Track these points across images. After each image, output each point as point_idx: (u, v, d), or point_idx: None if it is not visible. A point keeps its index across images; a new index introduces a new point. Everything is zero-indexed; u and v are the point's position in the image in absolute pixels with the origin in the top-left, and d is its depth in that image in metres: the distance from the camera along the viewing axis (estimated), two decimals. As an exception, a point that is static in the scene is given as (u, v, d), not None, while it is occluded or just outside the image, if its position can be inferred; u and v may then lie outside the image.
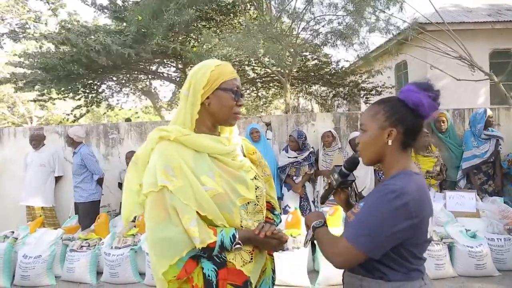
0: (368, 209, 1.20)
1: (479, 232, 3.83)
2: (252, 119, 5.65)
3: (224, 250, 1.26)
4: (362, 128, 1.33)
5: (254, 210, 1.36)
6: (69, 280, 3.96)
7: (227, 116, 1.36)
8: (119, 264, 3.84)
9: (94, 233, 4.28)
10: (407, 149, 1.28)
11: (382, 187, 1.21)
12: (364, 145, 1.30)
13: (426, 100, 1.21)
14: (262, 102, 14.29)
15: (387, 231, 1.14)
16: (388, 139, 1.25)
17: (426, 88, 1.23)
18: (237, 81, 1.37)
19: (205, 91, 1.31)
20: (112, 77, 10.47)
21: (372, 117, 1.28)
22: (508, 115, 5.39)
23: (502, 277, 3.61)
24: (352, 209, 1.32)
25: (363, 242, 1.16)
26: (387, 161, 1.28)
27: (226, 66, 1.37)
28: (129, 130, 5.66)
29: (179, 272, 1.21)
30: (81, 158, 4.69)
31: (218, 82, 1.32)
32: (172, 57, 9.28)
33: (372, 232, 1.16)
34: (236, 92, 1.34)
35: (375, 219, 1.16)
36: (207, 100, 1.33)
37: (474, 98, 8.43)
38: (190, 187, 1.22)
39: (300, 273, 3.65)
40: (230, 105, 1.34)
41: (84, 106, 10.98)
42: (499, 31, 8.67)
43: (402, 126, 1.24)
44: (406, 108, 1.24)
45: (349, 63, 10.58)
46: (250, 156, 1.50)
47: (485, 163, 4.73)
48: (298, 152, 4.90)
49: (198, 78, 1.31)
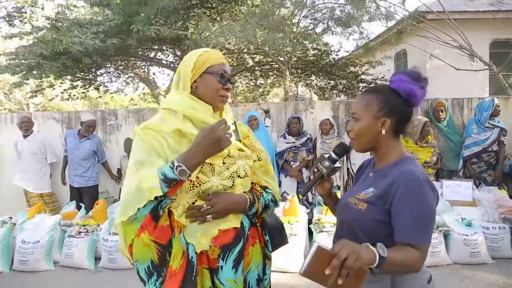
0: (411, 202, 1.16)
1: (474, 220, 3.86)
2: (251, 107, 5.63)
3: (171, 182, 1.22)
4: (354, 117, 1.33)
5: (222, 174, 1.35)
6: (67, 266, 3.98)
7: (213, 98, 1.39)
8: (117, 250, 3.85)
9: (92, 219, 4.29)
10: (398, 135, 1.33)
11: (405, 176, 1.19)
12: (358, 134, 1.32)
13: (418, 90, 1.25)
14: (260, 92, 14.22)
15: (434, 216, 1.18)
16: (382, 128, 1.29)
17: (416, 78, 1.26)
18: (224, 66, 1.41)
19: (193, 74, 1.36)
20: (107, 64, 10.34)
21: (365, 107, 1.30)
22: (506, 105, 5.38)
23: (495, 264, 3.66)
24: (355, 195, 1.32)
25: (428, 237, 1.17)
26: (382, 149, 1.32)
27: (214, 53, 1.42)
28: (127, 116, 5.63)
29: (137, 231, 1.24)
30: (97, 145, 5.00)
31: (205, 66, 1.37)
32: (170, 43, 9.18)
33: (428, 223, 1.16)
34: (222, 75, 1.38)
35: (426, 209, 1.16)
36: (194, 84, 1.38)
37: (473, 88, 8.40)
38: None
39: (297, 260, 3.69)
40: (216, 88, 1.38)
41: (81, 87, 10.88)
42: (500, 21, 8.60)
43: (395, 115, 1.28)
44: (399, 98, 1.28)
45: (348, 53, 10.51)
46: (243, 141, 1.51)
47: (486, 152, 4.69)
48: (296, 137, 4.94)
49: (187, 64, 1.39)
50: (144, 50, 10.10)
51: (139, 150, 1.30)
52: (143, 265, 1.27)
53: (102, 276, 3.81)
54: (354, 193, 1.34)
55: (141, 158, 1.28)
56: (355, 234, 1.28)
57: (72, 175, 4.94)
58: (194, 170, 1.24)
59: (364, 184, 1.36)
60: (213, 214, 1.32)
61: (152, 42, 8.24)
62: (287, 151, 4.94)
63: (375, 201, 1.24)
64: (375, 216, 1.23)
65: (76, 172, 4.90)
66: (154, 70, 12.94)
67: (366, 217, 1.25)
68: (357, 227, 1.27)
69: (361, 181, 1.41)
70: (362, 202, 1.27)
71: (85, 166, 4.90)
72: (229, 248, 1.34)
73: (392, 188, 1.21)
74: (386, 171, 1.30)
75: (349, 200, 1.33)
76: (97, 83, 11.26)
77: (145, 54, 10.50)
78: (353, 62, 10.42)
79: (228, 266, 1.33)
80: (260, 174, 1.52)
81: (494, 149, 4.70)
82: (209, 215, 1.31)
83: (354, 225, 1.28)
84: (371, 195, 1.26)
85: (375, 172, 1.36)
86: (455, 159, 4.95)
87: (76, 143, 4.91)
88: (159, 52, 10.92)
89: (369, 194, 1.27)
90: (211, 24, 7.55)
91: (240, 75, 12.10)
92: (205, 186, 1.32)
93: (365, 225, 1.25)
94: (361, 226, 1.26)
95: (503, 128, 4.69)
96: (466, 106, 5.45)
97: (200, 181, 1.32)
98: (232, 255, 1.34)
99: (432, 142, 4.70)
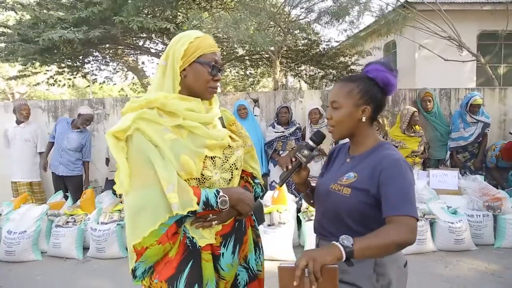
0: (394, 181, 1.22)
1: (460, 208, 3.95)
2: (240, 96, 5.61)
3: (209, 207, 1.25)
4: (334, 105, 1.35)
5: (222, 167, 1.34)
6: (55, 255, 3.96)
7: (202, 90, 1.33)
8: (106, 239, 3.85)
9: (80, 209, 4.26)
10: (373, 123, 1.39)
11: (387, 160, 1.25)
12: (338, 121, 1.34)
13: (393, 79, 1.31)
14: (250, 82, 14.15)
15: (414, 192, 1.25)
16: (362, 116, 1.32)
17: (391, 69, 1.32)
18: (216, 55, 1.34)
19: (183, 62, 1.30)
20: (94, 51, 10.12)
21: (346, 95, 1.33)
22: (492, 95, 5.49)
23: (478, 251, 3.76)
24: (337, 181, 1.34)
25: (415, 209, 1.20)
26: (360, 136, 1.37)
27: (206, 39, 1.33)
28: (114, 105, 5.56)
29: (159, 237, 1.19)
30: (86, 140, 4.92)
31: (196, 54, 1.30)
32: (159, 32, 9.02)
33: (412, 197, 1.22)
34: (213, 66, 1.32)
35: (409, 186, 1.22)
36: (183, 72, 1.31)
37: (461, 79, 8.49)
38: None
39: (286, 248, 3.72)
40: (206, 79, 1.32)
41: (68, 73, 10.61)
42: (488, 12, 8.67)
43: (374, 103, 1.33)
44: (377, 87, 1.33)
45: (338, 43, 10.50)
46: (230, 127, 1.49)
47: (471, 143, 4.85)
48: (285, 127, 4.94)
49: (177, 49, 1.30)
50: (132, 39, 9.91)
51: (150, 151, 1.22)
52: (147, 265, 1.26)
53: (90, 265, 3.80)
54: (335, 179, 1.35)
55: (159, 163, 1.21)
56: (341, 220, 1.30)
57: (57, 162, 4.82)
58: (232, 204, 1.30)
59: (342, 169, 1.38)
60: (219, 221, 1.32)
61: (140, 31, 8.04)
62: (276, 140, 4.95)
63: (359, 185, 1.27)
64: (361, 200, 1.26)
65: (61, 160, 4.79)
66: (143, 59, 12.63)
67: (351, 202, 1.27)
68: (344, 213, 1.29)
69: (338, 167, 1.43)
70: (346, 188, 1.29)
71: (72, 156, 4.82)
72: (230, 235, 1.35)
73: (375, 171, 1.25)
74: (365, 156, 1.34)
75: (331, 187, 1.34)
76: (84, 71, 11.02)
77: (133, 42, 10.31)
78: (343, 52, 10.42)
79: (228, 252, 1.34)
80: (247, 160, 1.51)
81: (478, 141, 4.88)
82: (215, 222, 1.31)
83: (341, 211, 1.29)
84: (354, 180, 1.29)
85: (352, 158, 1.39)
86: (442, 148, 5.03)
87: (67, 131, 4.82)
88: (147, 40, 10.72)
89: (352, 179, 1.29)
90: (202, 12, 7.43)
91: (230, 65, 12.00)
92: (210, 182, 1.31)
93: (351, 210, 1.27)
94: (348, 211, 1.28)
95: (486, 122, 4.84)
96: (453, 96, 5.52)
97: (205, 178, 1.30)
98: (232, 242, 1.35)
99: (420, 131, 4.76)
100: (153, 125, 1.25)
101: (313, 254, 1.04)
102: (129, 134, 1.24)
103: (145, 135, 1.23)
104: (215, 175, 1.31)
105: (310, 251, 1.06)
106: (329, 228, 1.36)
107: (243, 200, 1.33)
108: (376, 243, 1.10)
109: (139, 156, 1.22)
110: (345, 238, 1.08)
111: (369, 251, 1.09)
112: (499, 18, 7.83)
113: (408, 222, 1.15)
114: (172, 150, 1.23)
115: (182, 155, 1.24)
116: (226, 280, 1.35)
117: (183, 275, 1.24)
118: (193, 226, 1.29)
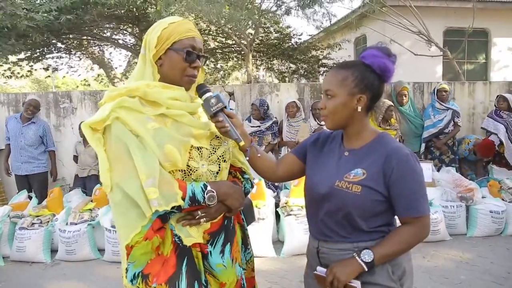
0: (408, 179, 1.19)
1: (435, 200, 4.03)
2: (215, 89, 5.46)
3: (196, 202, 1.16)
4: (328, 93, 1.26)
5: (210, 158, 1.26)
6: (19, 260, 3.70)
7: (178, 79, 1.24)
8: (76, 241, 3.64)
9: (47, 209, 4.00)
10: (368, 113, 1.30)
11: (397, 155, 1.20)
12: (332, 111, 1.25)
13: (391, 65, 1.22)
14: (221, 75, 13.96)
15: (424, 183, 1.25)
16: (357, 105, 1.24)
17: (388, 53, 1.23)
18: (194, 41, 1.24)
19: (157, 51, 1.21)
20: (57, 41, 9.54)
21: (340, 83, 1.23)
22: (462, 89, 5.69)
23: (452, 241, 3.88)
24: (343, 178, 1.25)
25: (428, 206, 1.22)
26: (356, 126, 1.28)
27: (183, 24, 1.24)
28: (82, 99, 5.26)
29: (145, 232, 1.11)
30: (43, 129, 4.63)
31: (170, 41, 1.21)
32: (128, 22, 8.66)
33: (425, 193, 1.22)
34: (188, 52, 1.21)
35: (421, 182, 1.21)
36: (159, 61, 1.23)
37: (429, 74, 8.74)
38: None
39: (265, 244, 3.68)
40: (181, 67, 1.22)
41: (27, 64, 9.92)
42: (453, 10, 8.97)
43: (370, 92, 1.24)
44: (373, 74, 1.23)
45: (310, 36, 10.55)
46: None
47: (443, 133, 4.99)
48: (260, 121, 4.86)
49: (152, 37, 1.22)
50: (99, 29, 9.44)
51: (129, 141, 1.13)
52: (136, 268, 1.16)
53: (60, 269, 3.58)
54: (339, 175, 1.25)
55: (138, 154, 1.12)
56: (351, 219, 1.23)
57: (18, 162, 4.51)
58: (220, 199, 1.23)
59: (344, 165, 1.28)
60: (208, 218, 1.23)
61: (110, 19, 7.64)
62: (252, 135, 4.85)
63: (369, 183, 1.20)
64: (373, 197, 1.21)
65: (22, 159, 4.49)
66: (111, 50, 12.09)
67: (363, 200, 1.20)
68: (355, 211, 1.21)
69: (335, 161, 1.31)
70: (356, 185, 1.21)
71: (32, 152, 4.51)
72: (218, 233, 1.27)
73: (386, 169, 1.20)
74: (368, 149, 1.26)
75: (337, 184, 1.24)
76: (45, 61, 10.38)
77: (99, 33, 9.81)
78: (315, 46, 10.47)
79: (216, 251, 1.26)
80: (236, 154, 1.42)
81: (450, 130, 5.01)
82: (203, 219, 1.22)
83: (351, 209, 1.22)
84: (364, 177, 1.21)
85: (351, 151, 1.29)
86: (416, 141, 5.14)
87: (19, 128, 4.51)
88: (115, 31, 10.25)
89: (361, 176, 1.22)
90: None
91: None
92: (196, 174, 1.23)
93: (362, 207, 1.21)
94: (358, 209, 1.21)
95: (455, 110, 5.02)
96: (426, 90, 5.66)
97: (190, 169, 1.21)
98: (221, 240, 1.27)
99: (395, 125, 4.83)
100: (134, 114, 1.16)
101: (338, 274, 1.18)
102: (108, 124, 1.14)
103: (125, 125, 1.14)
104: (201, 167, 1.23)
105: (335, 268, 1.20)
106: (335, 229, 1.27)
107: (232, 195, 1.25)
108: (394, 249, 1.20)
109: (118, 147, 1.14)
110: (366, 253, 1.18)
111: (388, 258, 1.20)
112: (463, 16, 8.17)
113: (424, 222, 1.20)
114: (155, 140, 1.14)
115: (166, 144, 1.15)
116: (226, 283, 1.27)
117: (182, 274, 1.16)
118: (180, 224, 1.19)
